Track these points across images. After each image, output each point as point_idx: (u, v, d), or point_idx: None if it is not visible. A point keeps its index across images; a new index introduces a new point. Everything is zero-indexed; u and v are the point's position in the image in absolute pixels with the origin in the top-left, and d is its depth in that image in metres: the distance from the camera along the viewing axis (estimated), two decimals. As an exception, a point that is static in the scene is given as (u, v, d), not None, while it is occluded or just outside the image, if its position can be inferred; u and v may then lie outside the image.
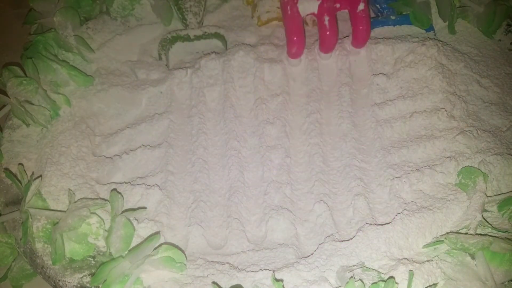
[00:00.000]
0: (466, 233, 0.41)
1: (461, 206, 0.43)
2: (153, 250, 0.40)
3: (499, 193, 0.45)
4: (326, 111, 0.53)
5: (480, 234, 0.41)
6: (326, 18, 0.54)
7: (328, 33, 0.54)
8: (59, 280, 0.43)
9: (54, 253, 0.42)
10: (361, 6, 0.54)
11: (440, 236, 0.42)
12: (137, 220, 0.44)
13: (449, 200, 0.44)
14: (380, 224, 0.43)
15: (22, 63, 0.54)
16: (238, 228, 0.45)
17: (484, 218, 0.42)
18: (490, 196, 0.44)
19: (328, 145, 0.50)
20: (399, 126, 0.50)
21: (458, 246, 0.40)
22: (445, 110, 0.50)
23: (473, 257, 0.40)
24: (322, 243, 0.43)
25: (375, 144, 0.50)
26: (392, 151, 0.49)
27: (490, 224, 0.42)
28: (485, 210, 0.43)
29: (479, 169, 0.44)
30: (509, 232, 0.41)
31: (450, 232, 0.42)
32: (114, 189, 0.46)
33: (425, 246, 0.42)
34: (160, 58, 0.60)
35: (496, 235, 0.40)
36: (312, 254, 0.42)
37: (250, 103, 0.54)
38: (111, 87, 0.55)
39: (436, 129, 0.50)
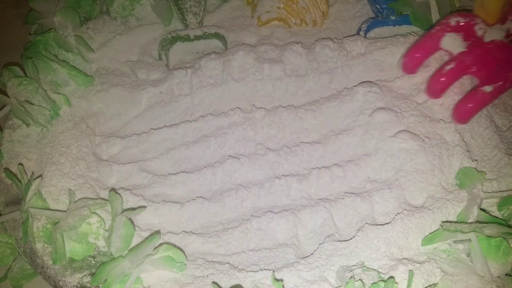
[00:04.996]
0: (462, 222, 0.42)
1: (460, 206, 0.44)
2: (153, 250, 0.40)
3: (499, 194, 0.45)
4: (326, 109, 0.53)
5: (476, 222, 0.42)
6: (452, 66, 0.48)
7: (441, 79, 0.48)
8: (59, 280, 0.43)
9: (54, 253, 0.42)
10: (488, 88, 0.46)
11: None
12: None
13: (448, 200, 0.44)
14: (380, 224, 0.43)
15: (22, 63, 0.54)
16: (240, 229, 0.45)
17: (483, 209, 0.43)
18: (489, 195, 0.44)
19: (327, 143, 0.51)
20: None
21: (452, 229, 0.40)
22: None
23: (468, 254, 0.41)
24: (322, 243, 0.43)
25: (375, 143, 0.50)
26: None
27: (488, 213, 0.42)
28: (484, 210, 0.43)
29: (475, 168, 0.44)
30: (509, 226, 0.42)
31: (446, 221, 0.42)
32: (113, 189, 0.46)
33: (424, 240, 0.42)
34: (160, 58, 0.60)
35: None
36: (312, 254, 0.42)
37: (249, 106, 0.54)
38: (111, 87, 0.55)
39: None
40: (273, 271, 0.40)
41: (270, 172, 0.49)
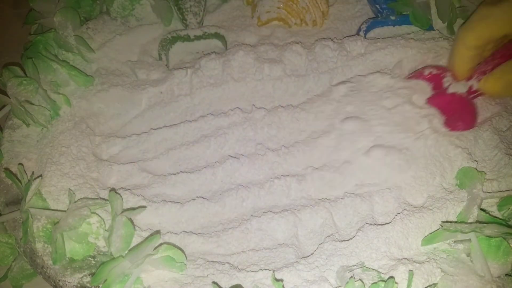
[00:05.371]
0: (462, 222, 0.42)
1: (460, 206, 0.44)
2: (153, 250, 0.40)
3: (499, 194, 0.45)
4: (311, 109, 0.53)
5: (476, 222, 0.42)
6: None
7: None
8: (59, 280, 0.43)
9: (54, 253, 0.42)
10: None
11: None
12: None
13: (448, 200, 0.44)
14: (380, 224, 0.43)
15: (22, 63, 0.54)
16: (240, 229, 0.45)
17: (483, 209, 0.43)
18: (489, 195, 0.44)
19: (327, 143, 0.51)
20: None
21: (452, 229, 0.40)
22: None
23: (468, 254, 0.41)
24: (322, 243, 0.43)
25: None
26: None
27: (488, 213, 0.42)
28: (484, 210, 0.43)
29: (475, 168, 0.44)
30: (509, 226, 0.42)
31: (446, 221, 0.42)
32: (113, 189, 0.46)
33: (424, 240, 0.42)
34: (160, 58, 0.60)
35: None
36: (312, 254, 0.42)
37: (249, 106, 0.54)
38: (111, 87, 0.55)
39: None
40: (273, 271, 0.40)
41: (270, 172, 0.49)
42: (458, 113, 0.50)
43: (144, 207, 0.46)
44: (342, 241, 0.43)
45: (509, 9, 0.44)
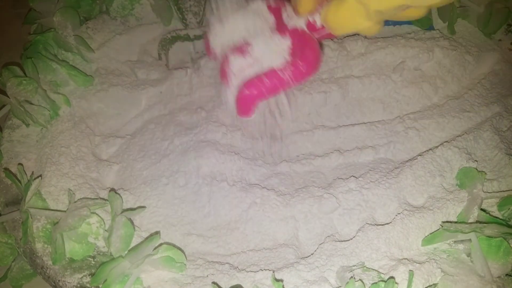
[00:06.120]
0: (462, 222, 0.42)
1: (460, 206, 0.43)
2: (153, 250, 0.40)
3: (499, 194, 0.45)
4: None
5: (476, 222, 0.41)
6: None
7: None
8: (59, 280, 0.43)
9: (54, 253, 0.42)
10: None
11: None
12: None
13: (449, 200, 0.44)
14: (380, 224, 0.43)
15: (22, 63, 0.54)
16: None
17: (483, 209, 0.43)
18: (490, 195, 0.44)
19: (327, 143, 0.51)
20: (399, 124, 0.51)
21: (452, 229, 0.40)
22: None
23: (468, 254, 0.41)
24: (322, 243, 0.43)
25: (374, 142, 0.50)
26: (391, 149, 0.49)
27: (488, 213, 0.42)
28: (485, 210, 0.43)
29: (475, 168, 0.44)
30: (509, 226, 0.42)
31: (447, 221, 0.42)
32: (113, 189, 0.46)
33: (424, 240, 0.42)
34: (160, 58, 0.60)
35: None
36: (312, 254, 0.42)
37: None
38: (111, 87, 0.55)
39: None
40: (273, 271, 0.40)
41: (269, 172, 0.49)
42: (299, 52, 0.41)
43: (144, 207, 0.46)
44: (342, 241, 0.42)
45: None
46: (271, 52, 0.42)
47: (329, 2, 0.39)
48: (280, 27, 0.42)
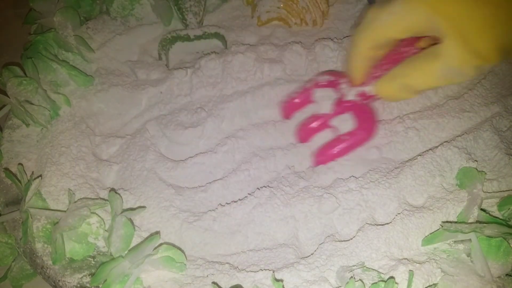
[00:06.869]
0: (462, 222, 0.42)
1: (460, 206, 0.43)
2: (153, 250, 0.40)
3: (499, 194, 0.45)
4: None
5: (476, 222, 0.41)
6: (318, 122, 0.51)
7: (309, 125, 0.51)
8: (59, 280, 0.43)
9: (54, 253, 0.42)
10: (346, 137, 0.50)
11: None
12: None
13: (448, 200, 0.44)
14: (380, 224, 0.43)
15: (22, 63, 0.54)
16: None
17: (483, 209, 0.43)
18: (490, 195, 0.44)
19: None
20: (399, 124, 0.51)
21: (452, 229, 0.40)
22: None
23: (468, 254, 0.41)
24: (322, 243, 0.43)
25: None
26: (390, 149, 0.49)
27: (488, 213, 0.42)
28: (484, 210, 0.43)
29: (475, 168, 0.44)
30: (509, 226, 0.42)
31: (447, 221, 0.42)
32: (113, 189, 0.46)
33: (424, 240, 0.42)
34: (160, 58, 0.60)
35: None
36: (312, 254, 0.42)
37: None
38: (111, 87, 0.55)
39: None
40: (273, 271, 0.40)
41: (274, 174, 0.49)
42: (361, 122, 0.50)
43: (144, 207, 0.46)
44: (342, 241, 0.42)
45: (395, 11, 0.42)
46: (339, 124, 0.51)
47: (380, 79, 0.47)
48: (342, 101, 0.50)
